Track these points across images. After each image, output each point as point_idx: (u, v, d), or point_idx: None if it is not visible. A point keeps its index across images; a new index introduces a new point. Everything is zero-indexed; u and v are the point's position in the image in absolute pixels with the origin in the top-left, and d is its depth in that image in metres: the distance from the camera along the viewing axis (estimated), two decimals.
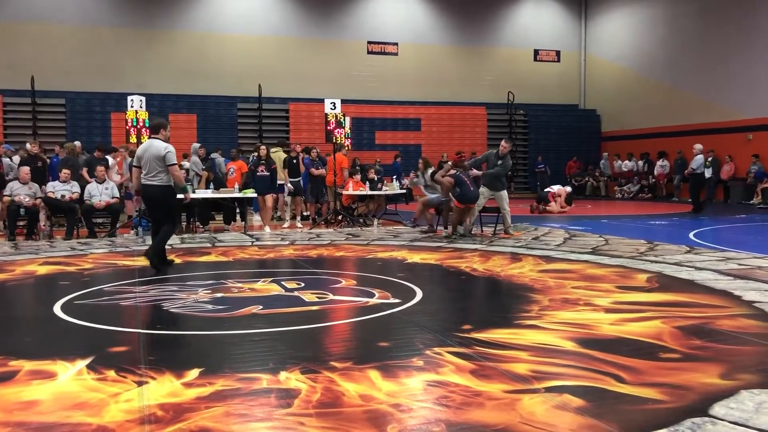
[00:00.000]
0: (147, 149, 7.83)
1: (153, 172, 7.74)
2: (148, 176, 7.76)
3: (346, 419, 3.11)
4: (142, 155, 7.83)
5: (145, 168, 7.78)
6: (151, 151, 7.77)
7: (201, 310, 5.60)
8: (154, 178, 7.77)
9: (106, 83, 21.08)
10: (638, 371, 3.78)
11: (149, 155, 7.76)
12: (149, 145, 7.87)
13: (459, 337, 4.55)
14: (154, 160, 7.75)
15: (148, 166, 7.75)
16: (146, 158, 7.76)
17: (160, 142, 7.84)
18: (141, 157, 7.85)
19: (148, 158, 7.75)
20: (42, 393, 3.52)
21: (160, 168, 7.74)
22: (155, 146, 7.80)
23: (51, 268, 8.06)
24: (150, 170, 7.74)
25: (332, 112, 13.20)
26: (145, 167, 7.77)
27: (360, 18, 24.40)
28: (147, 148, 7.86)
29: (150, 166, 7.74)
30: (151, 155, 7.76)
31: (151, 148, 7.80)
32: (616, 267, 7.59)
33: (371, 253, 9.19)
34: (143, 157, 7.81)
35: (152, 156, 7.76)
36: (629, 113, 24.79)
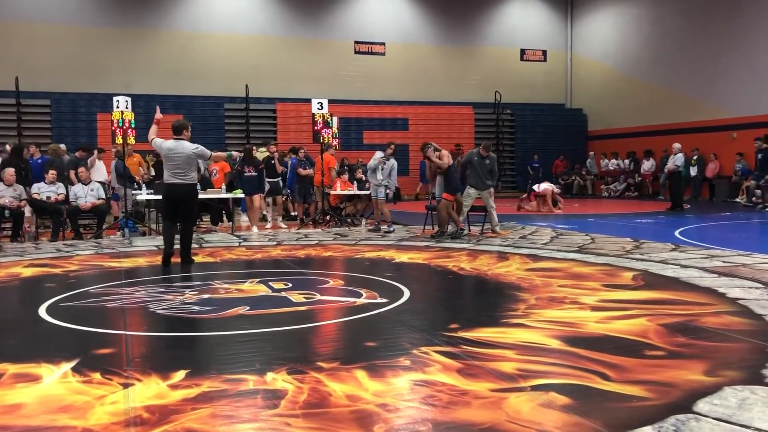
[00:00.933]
0: (174, 149, 7.91)
1: (182, 172, 7.89)
2: (176, 175, 7.87)
3: (333, 419, 3.11)
4: (170, 155, 7.91)
5: (171, 167, 7.88)
6: (180, 152, 7.90)
7: (188, 311, 5.58)
8: (184, 177, 7.92)
9: (91, 84, 20.94)
10: (624, 369, 3.80)
11: (178, 155, 7.88)
12: (176, 146, 7.95)
13: (446, 336, 4.57)
14: (183, 160, 7.90)
15: (176, 166, 7.86)
16: (174, 158, 7.87)
17: (188, 143, 8.00)
18: (168, 157, 7.93)
19: (176, 158, 7.87)
20: (26, 396, 3.49)
21: (189, 168, 7.95)
22: (183, 146, 7.94)
23: (36, 270, 8.00)
24: (178, 170, 7.87)
25: (319, 112, 13.19)
26: (172, 167, 7.87)
27: (347, 18, 24.39)
28: (173, 148, 7.93)
29: (178, 166, 7.87)
30: (180, 155, 7.89)
31: (179, 149, 7.92)
32: (603, 265, 7.64)
33: (359, 253, 9.19)
34: (170, 157, 7.90)
35: (181, 156, 7.89)
36: (615, 112, 24.92)
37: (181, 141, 8.00)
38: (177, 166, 7.90)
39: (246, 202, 12.84)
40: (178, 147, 7.94)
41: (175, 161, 7.90)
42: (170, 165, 7.91)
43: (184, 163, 7.92)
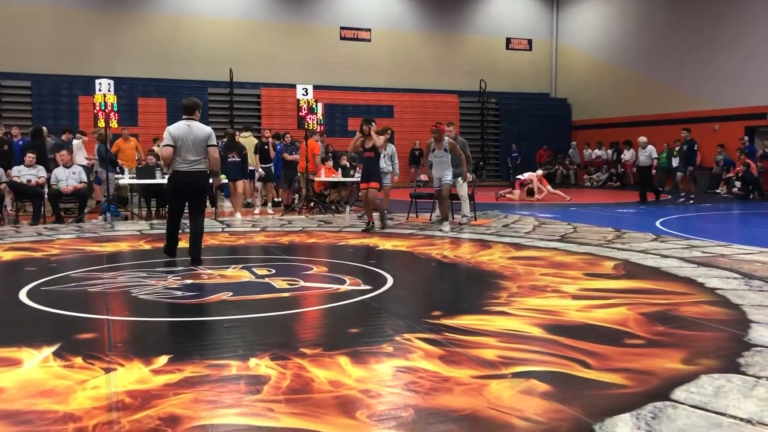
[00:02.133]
0: (187, 131, 6.92)
1: (195, 158, 6.95)
2: (189, 162, 6.93)
3: (316, 405, 3.13)
4: (182, 137, 6.88)
5: (183, 153, 6.89)
6: (195, 134, 6.93)
7: (170, 296, 5.57)
8: (197, 164, 6.98)
9: (73, 66, 20.65)
10: (603, 357, 3.85)
11: (192, 138, 6.91)
12: (189, 127, 6.96)
13: (429, 323, 4.59)
14: (198, 143, 6.94)
15: (190, 151, 6.90)
16: (187, 142, 6.88)
17: (201, 124, 7.09)
18: (180, 139, 6.88)
19: (189, 142, 6.89)
20: (7, 380, 3.48)
21: (203, 153, 7.00)
22: (198, 128, 7.00)
23: (17, 254, 7.93)
24: (191, 155, 6.91)
25: (304, 98, 13.13)
26: (185, 152, 6.89)
27: (333, 3, 24.22)
28: (187, 130, 6.93)
29: (191, 151, 6.91)
30: (194, 138, 6.92)
31: (193, 131, 6.95)
32: (584, 254, 7.71)
33: (343, 240, 9.19)
34: (183, 139, 6.88)
35: (196, 139, 6.93)
36: (599, 102, 25.04)
37: (193, 122, 7.02)
38: (189, 151, 6.91)
39: (229, 188, 12.79)
40: (192, 129, 6.96)
41: (187, 145, 6.90)
42: (182, 150, 6.89)
43: (198, 148, 6.95)
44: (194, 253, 7.12)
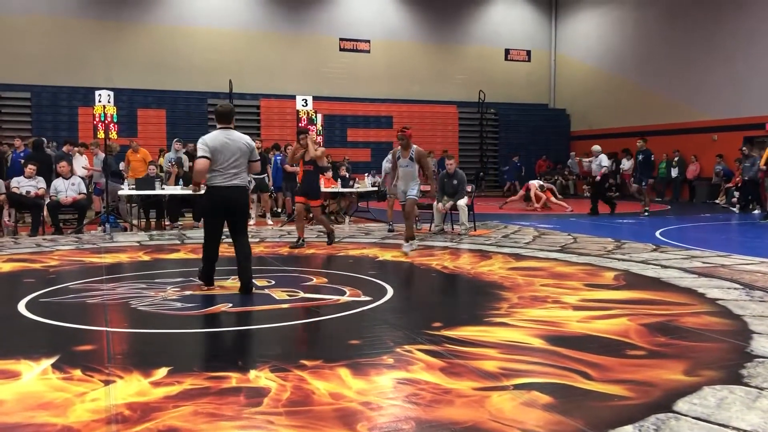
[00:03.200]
0: (226, 141, 6.07)
1: (236, 171, 6.09)
2: (230, 176, 6.05)
3: (316, 417, 3.10)
4: (220, 149, 6.02)
5: (223, 165, 6.02)
6: (236, 144, 6.10)
7: (169, 308, 5.54)
8: (237, 177, 6.11)
9: (72, 77, 20.71)
10: (605, 368, 3.83)
11: (233, 149, 6.06)
12: (228, 137, 6.13)
13: (429, 334, 4.57)
14: (239, 155, 6.11)
15: (230, 163, 6.04)
16: (227, 153, 6.03)
17: (242, 134, 6.31)
18: (218, 151, 6.02)
19: (229, 153, 6.04)
20: (5, 393, 3.45)
21: (244, 165, 6.18)
22: (238, 138, 6.19)
23: (15, 266, 7.90)
24: (231, 168, 6.06)
25: (304, 108, 13.14)
26: (224, 164, 6.02)
27: (332, 14, 24.33)
28: (225, 141, 6.07)
29: (231, 163, 6.06)
30: (236, 149, 6.09)
31: (233, 141, 6.11)
32: (584, 265, 7.69)
33: (342, 251, 9.17)
34: (221, 151, 6.02)
35: (237, 150, 6.09)
36: (598, 113, 25.10)
37: (232, 132, 6.20)
38: (231, 164, 6.04)
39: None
40: (231, 139, 6.12)
41: (227, 156, 6.03)
42: (222, 162, 6.02)
43: (240, 160, 6.12)
44: (246, 280, 6.15)
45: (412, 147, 8.98)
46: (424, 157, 9.02)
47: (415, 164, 8.93)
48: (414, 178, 8.91)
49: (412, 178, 8.94)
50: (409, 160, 8.95)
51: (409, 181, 8.95)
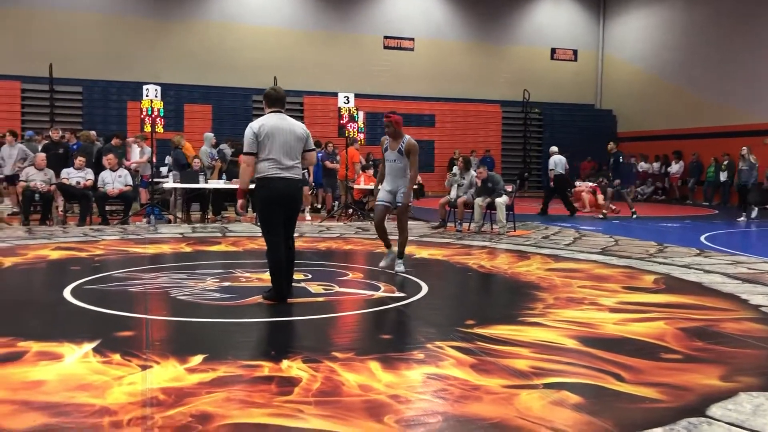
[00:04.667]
0: (278, 127, 5.39)
1: (290, 160, 5.41)
2: (284, 167, 5.38)
3: (345, 408, 3.14)
4: (274, 134, 5.34)
5: (274, 153, 5.34)
6: (289, 130, 5.43)
7: (208, 298, 5.66)
8: (292, 168, 5.44)
9: (122, 72, 21.21)
10: (638, 370, 3.78)
11: (286, 136, 5.39)
12: (281, 122, 5.43)
13: (461, 332, 4.58)
14: (293, 142, 5.43)
15: (283, 152, 5.36)
16: (279, 140, 5.35)
17: (294, 120, 5.64)
18: (270, 136, 5.33)
19: (282, 140, 5.36)
20: (48, 374, 3.58)
21: (299, 154, 5.52)
22: (291, 124, 5.51)
23: (63, 253, 8.16)
24: (285, 157, 5.37)
25: (346, 106, 13.22)
26: (275, 152, 5.34)
27: (377, 13, 24.39)
28: (277, 125, 5.39)
29: (284, 152, 5.37)
30: (289, 133, 5.42)
31: (285, 126, 5.43)
32: (624, 268, 7.58)
33: (380, 247, 9.19)
34: (273, 135, 5.34)
35: (290, 137, 5.41)
36: (645, 114, 24.62)
37: (283, 115, 5.53)
38: (284, 152, 5.36)
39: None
40: (284, 125, 5.44)
41: (280, 145, 5.35)
42: (275, 150, 5.34)
43: (295, 147, 5.45)
44: (287, 287, 5.59)
45: (404, 137, 7.06)
46: (414, 152, 7.04)
47: (404, 158, 7.03)
48: (405, 175, 7.08)
49: (401, 176, 7.08)
50: (397, 153, 7.04)
51: (398, 180, 7.10)
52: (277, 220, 5.44)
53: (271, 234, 5.46)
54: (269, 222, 5.46)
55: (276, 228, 5.45)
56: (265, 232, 5.54)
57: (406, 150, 6.99)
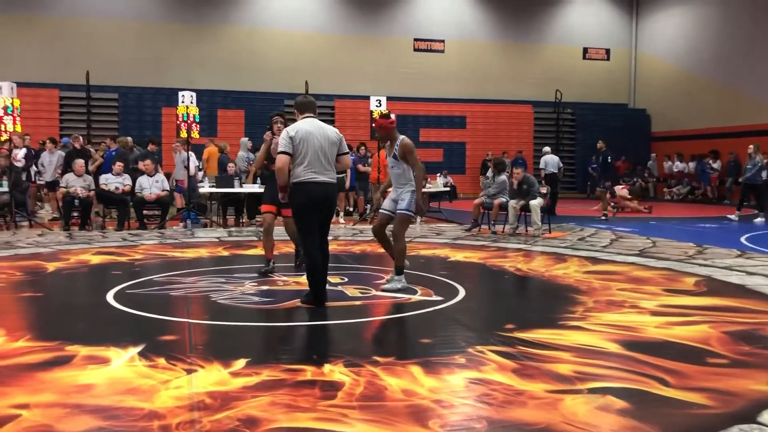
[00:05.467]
0: (311, 132, 5.51)
1: (324, 165, 5.52)
2: (319, 170, 5.48)
3: (389, 413, 3.15)
4: (305, 138, 5.47)
5: (309, 158, 5.45)
6: (323, 135, 5.55)
7: (247, 301, 5.72)
8: (327, 172, 5.55)
9: (156, 78, 21.54)
10: (684, 375, 3.73)
11: (320, 141, 5.51)
12: (314, 128, 5.57)
13: (502, 336, 4.56)
14: (328, 147, 5.56)
15: (318, 156, 5.48)
16: (313, 145, 5.48)
17: (327, 125, 5.76)
18: (304, 141, 5.46)
19: (316, 145, 5.49)
20: (97, 377, 3.66)
21: (333, 158, 5.63)
22: (325, 128, 5.64)
23: (104, 258, 8.32)
24: (319, 161, 5.49)
25: (377, 109, 13.25)
26: (310, 157, 5.45)
27: (407, 15, 24.41)
28: (310, 131, 5.52)
29: (319, 156, 5.49)
30: (323, 138, 5.54)
31: (319, 131, 5.56)
32: (664, 270, 7.47)
33: (414, 251, 9.19)
34: (307, 140, 5.47)
35: (324, 141, 5.54)
36: (680, 113, 24.22)
37: (317, 121, 5.67)
38: (321, 156, 5.49)
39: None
40: (317, 129, 5.57)
41: (315, 149, 5.48)
42: (310, 154, 5.46)
43: (330, 152, 5.57)
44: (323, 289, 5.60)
45: (398, 138, 6.38)
46: (409, 151, 6.35)
47: (401, 163, 6.41)
48: (407, 181, 6.40)
49: (402, 182, 6.44)
50: (393, 158, 6.46)
51: (400, 186, 6.46)
52: (314, 223, 5.55)
53: (308, 238, 5.56)
54: (306, 226, 5.58)
55: (312, 232, 5.56)
56: (301, 235, 5.67)
57: (400, 153, 6.36)
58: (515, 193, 11.15)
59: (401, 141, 6.38)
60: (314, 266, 5.50)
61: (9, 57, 20.15)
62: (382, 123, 6.51)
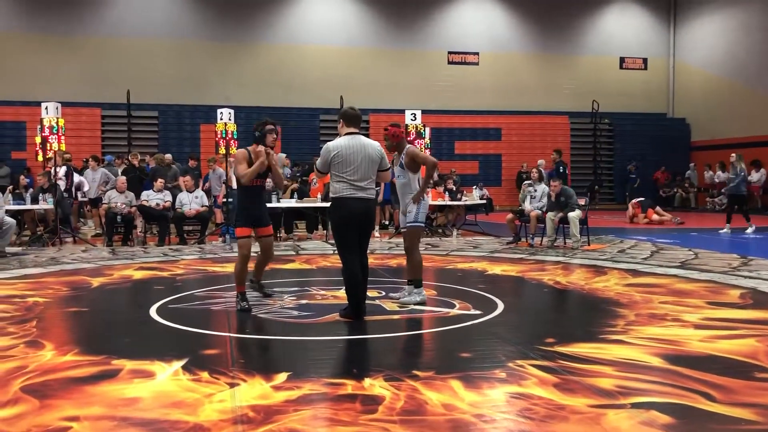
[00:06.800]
0: (353, 150, 5.51)
1: (363, 181, 5.53)
2: (358, 187, 5.49)
3: (430, 427, 3.16)
4: (346, 156, 5.48)
5: (349, 174, 5.48)
6: (364, 153, 5.54)
7: (287, 315, 5.78)
8: (367, 189, 5.56)
9: (194, 96, 21.93)
10: (730, 390, 3.66)
11: (360, 158, 5.50)
12: (357, 143, 5.57)
13: (542, 350, 4.53)
14: (368, 163, 5.55)
15: (358, 173, 5.49)
16: (354, 162, 5.48)
17: (369, 140, 5.73)
18: (345, 159, 5.48)
19: (357, 162, 5.49)
20: (142, 391, 3.74)
21: (373, 175, 5.63)
22: (366, 145, 5.61)
23: (146, 273, 8.48)
24: (359, 178, 5.50)
25: (413, 123, 13.30)
26: (350, 174, 5.47)
27: (441, 28, 24.47)
28: (351, 148, 5.52)
29: (359, 173, 5.50)
30: (364, 156, 5.53)
31: (360, 148, 5.55)
32: (707, 282, 7.33)
33: (451, 264, 9.20)
34: (347, 158, 5.48)
35: (365, 159, 5.53)
36: (721, 122, 23.76)
37: (360, 137, 5.68)
38: (362, 173, 5.49)
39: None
40: (359, 145, 5.56)
41: (354, 165, 5.47)
42: (349, 171, 5.47)
43: (370, 169, 5.57)
44: (362, 303, 5.60)
45: (405, 148, 6.33)
46: (416, 154, 6.33)
47: (407, 172, 6.27)
48: (412, 191, 6.26)
49: (407, 193, 6.29)
50: (399, 167, 6.34)
51: (405, 198, 6.32)
52: (353, 239, 5.59)
53: (347, 252, 5.60)
54: (345, 241, 5.62)
55: (351, 247, 5.59)
56: (340, 250, 5.70)
57: (407, 161, 6.23)
58: (553, 205, 11.06)
59: (407, 150, 6.34)
60: (354, 281, 5.53)
61: (53, 77, 20.77)
62: (396, 131, 6.41)
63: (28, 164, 18.56)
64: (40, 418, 3.29)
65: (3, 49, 20.86)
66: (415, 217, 6.25)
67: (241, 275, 6.10)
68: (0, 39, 20.89)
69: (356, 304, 5.54)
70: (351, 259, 5.55)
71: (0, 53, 20.86)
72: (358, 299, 5.54)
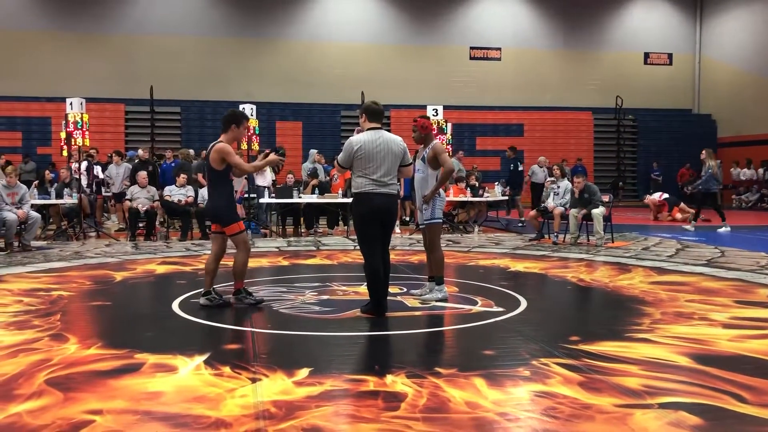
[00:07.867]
0: (375, 145, 5.48)
1: (386, 177, 5.50)
2: (381, 182, 5.47)
3: (453, 425, 3.12)
4: (368, 151, 5.45)
5: (371, 170, 5.45)
6: (387, 148, 5.51)
7: (308, 311, 5.77)
8: (387, 185, 5.52)
9: (216, 92, 22.07)
10: (762, 391, 3.57)
11: (383, 153, 5.48)
12: (380, 139, 5.52)
13: (566, 348, 4.46)
14: (391, 159, 5.53)
15: (381, 169, 5.46)
16: (377, 158, 5.46)
17: (392, 135, 5.69)
18: (368, 154, 5.45)
19: (380, 158, 5.47)
20: (165, 385, 3.74)
21: (395, 170, 5.61)
22: (388, 141, 5.55)
23: (168, 268, 8.53)
24: (382, 174, 5.47)
25: (434, 118, 13.22)
26: (372, 169, 5.45)
27: (463, 24, 24.36)
28: (374, 143, 5.48)
29: (382, 169, 5.47)
30: (387, 152, 5.50)
31: (384, 142, 5.51)
32: (734, 280, 7.20)
33: (472, 261, 9.14)
34: (370, 153, 5.45)
35: (388, 154, 5.51)
36: (747, 118, 23.41)
37: (381, 131, 5.62)
38: (384, 169, 5.48)
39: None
40: (382, 140, 5.52)
41: (377, 161, 5.45)
42: (371, 166, 5.45)
43: (393, 164, 5.54)
44: (383, 300, 5.56)
45: (431, 143, 6.28)
46: (441, 152, 6.22)
47: (428, 167, 6.20)
48: (429, 188, 6.22)
49: (425, 188, 6.25)
50: (421, 161, 6.29)
51: (426, 192, 6.22)
52: (374, 234, 5.56)
53: (369, 248, 5.57)
54: (367, 236, 5.59)
55: (373, 242, 5.56)
56: (362, 246, 5.68)
57: (430, 155, 6.16)
58: (576, 201, 10.93)
59: (433, 145, 6.26)
60: (375, 277, 5.49)
61: (77, 73, 21.01)
62: (426, 123, 6.32)
63: (54, 159, 18.79)
64: (64, 411, 3.30)
65: (30, 47, 21.14)
66: (432, 214, 6.18)
67: (244, 269, 6.11)
68: (27, 37, 21.17)
69: (378, 301, 5.51)
70: (373, 254, 5.52)
71: (27, 51, 21.15)
72: (379, 295, 5.51)
